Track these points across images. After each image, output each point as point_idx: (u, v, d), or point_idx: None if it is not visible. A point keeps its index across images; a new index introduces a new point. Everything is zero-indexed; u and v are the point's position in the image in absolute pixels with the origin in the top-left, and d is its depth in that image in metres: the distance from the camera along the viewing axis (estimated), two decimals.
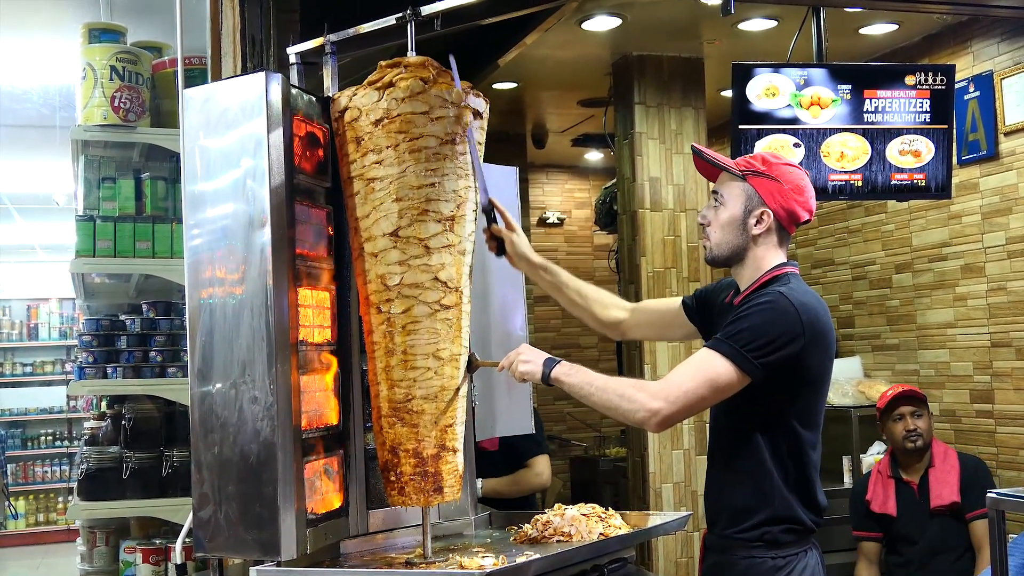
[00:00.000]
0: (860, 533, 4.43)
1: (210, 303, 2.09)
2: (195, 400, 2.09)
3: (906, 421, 4.30)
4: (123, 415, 3.88)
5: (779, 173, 2.38)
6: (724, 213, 2.40)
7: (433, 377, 2.22)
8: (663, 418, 2.21)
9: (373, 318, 2.25)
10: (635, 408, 2.22)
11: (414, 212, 2.19)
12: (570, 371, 2.30)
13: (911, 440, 4.28)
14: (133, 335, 3.83)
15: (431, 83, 2.20)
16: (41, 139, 6.20)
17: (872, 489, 4.38)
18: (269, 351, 2.01)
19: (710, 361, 2.25)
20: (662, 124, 5.70)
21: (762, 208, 2.36)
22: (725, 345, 2.26)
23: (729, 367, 2.23)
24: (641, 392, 2.23)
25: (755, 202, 2.37)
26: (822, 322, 2.31)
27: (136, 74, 3.70)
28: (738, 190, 2.39)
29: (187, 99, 2.16)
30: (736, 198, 2.39)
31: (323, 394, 2.20)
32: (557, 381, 2.30)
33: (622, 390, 2.25)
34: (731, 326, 2.29)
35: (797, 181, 2.39)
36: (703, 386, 2.23)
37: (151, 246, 3.63)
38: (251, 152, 2.06)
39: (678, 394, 2.21)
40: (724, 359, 2.24)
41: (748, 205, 2.37)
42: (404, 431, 2.22)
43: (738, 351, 2.23)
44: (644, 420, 2.22)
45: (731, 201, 2.39)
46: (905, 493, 4.32)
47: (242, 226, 2.06)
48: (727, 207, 2.39)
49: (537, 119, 7.41)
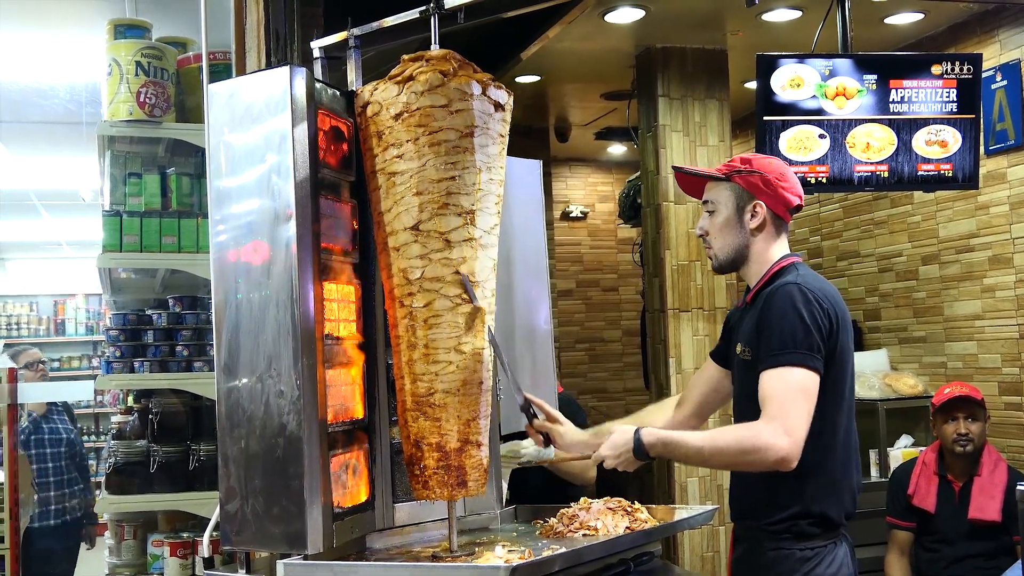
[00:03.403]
0: (895, 521, 4.35)
1: (236, 298, 2.09)
2: (221, 394, 2.09)
3: (959, 424, 4.18)
4: (150, 409, 3.91)
5: (760, 166, 2.46)
6: (719, 217, 2.48)
7: (455, 371, 2.22)
8: (795, 452, 2.21)
9: (396, 312, 2.25)
10: (764, 457, 2.21)
11: (434, 206, 2.19)
12: (665, 442, 2.29)
13: (960, 444, 4.16)
14: (159, 330, 3.85)
15: (451, 76, 2.20)
16: (67, 135, 6.25)
17: (915, 482, 4.30)
18: (295, 345, 2.01)
19: (787, 377, 2.25)
20: (686, 116, 5.68)
21: (753, 201, 2.44)
22: (788, 355, 2.26)
23: (805, 372, 2.25)
24: (759, 439, 2.21)
25: (745, 198, 2.45)
26: (840, 304, 2.38)
27: (161, 69, 3.72)
28: (726, 192, 2.47)
29: (212, 94, 2.16)
30: (727, 199, 2.47)
31: (349, 388, 2.21)
32: (655, 447, 2.29)
33: (740, 444, 2.23)
34: (773, 338, 2.29)
35: (779, 169, 2.48)
36: (801, 401, 2.24)
37: (177, 241, 3.65)
38: (276, 147, 2.06)
39: (790, 423, 2.21)
40: (798, 368, 2.25)
41: (739, 202, 2.46)
42: (427, 425, 2.22)
43: (803, 355, 2.25)
44: (780, 462, 2.22)
45: (722, 204, 2.47)
46: (947, 493, 4.23)
47: (267, 221, 2.07)
48: (720, 211, 2.47)
49: (560, 112, 7.40)
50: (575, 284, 8.84)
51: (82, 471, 6.00)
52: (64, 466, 5.83)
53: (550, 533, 2.39)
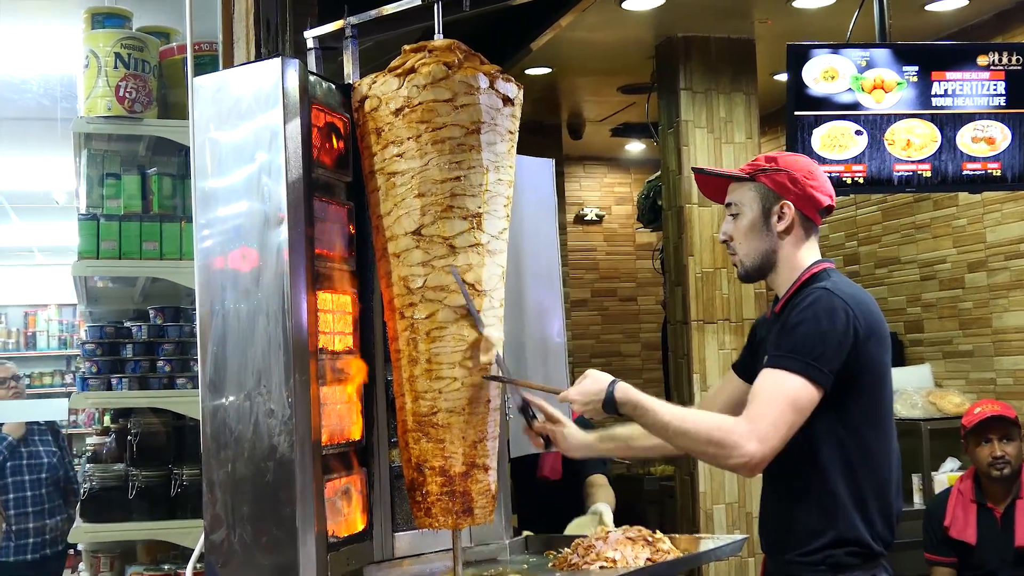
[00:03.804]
0: (933, 557, 4.35)
1: (222, 308, 2.10)
2: (206, 413, 2.10)
3: (993, 446, 4.14)
4: (128, 430, 3.91)
5: (786, 163, 2.47)
6: (743, 220, 2.48)
7: (460, 388, 2.22)
8: (760, 460, 2.21)
9: (397, 324, 2.25)
10: (727, 455, 2.21)
11: (438, 208, 2.19)
12: (636, 404, 2.29)
13: (997, 468, 4.13)
14: (139, 343, 3.85)
15: (456, 68, 2.20)
16: (40, 132, 6.26)
17: (951, 513, 4.28)
18: (286, 360, 2.02)
19: (783, 382, 2.25)
20: (710, 111, 5.68)
21: (780, 201, 2.45)
22: (790, 360, 2.26)
23: (804, 383, 2.24)
24: (729, 436, 2.21)
25: (771, 198, 2.45)
26: (874, 313, 2.36)
27: (142, 62, 3.73)
28: (751, 192, 2.47)
29: (197, 88, 2.17)
30: (751, 201, 2.47)
31: (345, 407, 2.21)
32: (626, 405, 2.28)
33: (708, 435, 2.23)
34: (785, 338, 2.30)
35: (807, 167, 2.48)
36: (788, 412, 2.23)
37: (159, 247, 3.66)
38: (266, 145, 2.07)
39: (767, 429, 2.20)
40: (795, 376, 2.24)
41: (765, 203, 2.46)
42: (430, 447, 2.22)
43: (806, 363, 2.24)
44: (741, 467, 2.22)
45: (747, 205, 2.47)
46: (987, 521, 4.21)
47: (257, 225, 2.07)
48: (745, 213, 2.48)
49: (573, 107, 7.41)
50: (590, 293, 8.84)
51: (67, 497, 5.97)
52: (45, 494, 5.79)
53: (564, 565, 2.39)
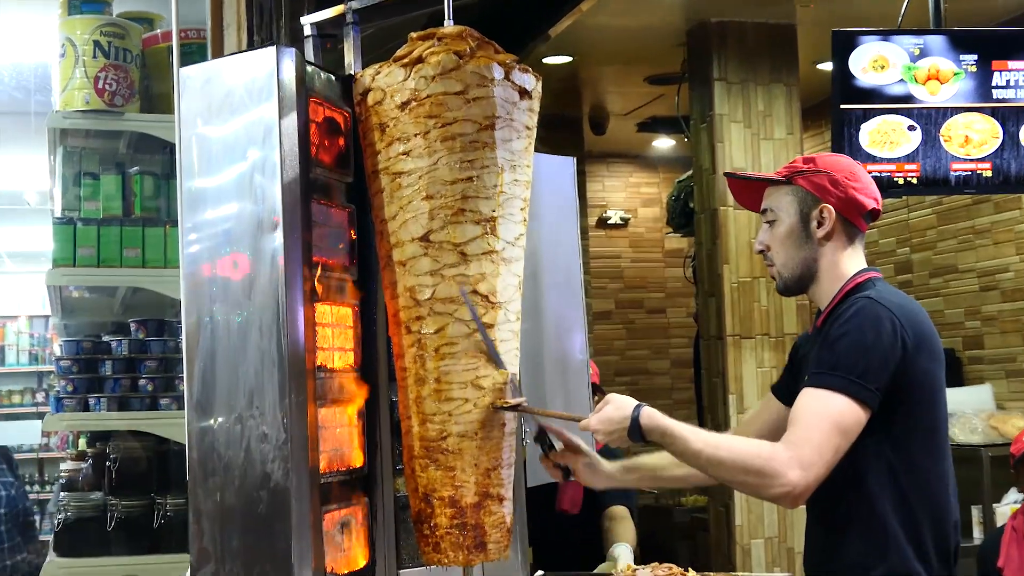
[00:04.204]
0: None
1: (211, 321, 2.09)
2: (193, 437, 2.09)
3: None
4: (107, 455, 3.92)
5: (825, 164, 2.49)
6: (781, 227, 2.50)
7: (472, 410, 2.21)
8: (804, 489, 2.21)
9: (403, 339, 2.25)
10: (768, 485, 2.21)
11: (447, 212, 2.19)
12: (665, 431, 2.29)
13: None
14: (119, 359, 3.86)
15: (467, 57, 2.20)
16: (11, 127, 6.30)
17: (1005, 552, 4.27)
18: (281, 378, 2.01)
19: (826, 402, 2.25)
20: (747, 104, 5.67)
21: (819, 205, 2.47)
22: (832, 378, 2.26)
23: (848, 403, 2.24)
24: (769, 464, 2.21)
25: (810, 201, 2.48)
26: (924, 324, 2.37)
27: (124, 50, 3.75)
28: (788, 197, 2.50)
29: (184, 79, 2.17)
30: (789, 205, 2.49)
31: (345, 430, 2.21)
32: (653, 432, 2.28)
33: (745, 463, 2.23)
34: (827, 353, 2.30)
35: (849, 168, 2.50)
36: (833, 435, 2.23)
37: (141, 253, 3.67)
38: (260, 141, 2.07)
39: (810, 454, 2.20)
40: (839, 395, 2.24)
41: (803, 207, 2.48)
42: (439, 475, 2.22)
43: (851, 381, 2.24)
44: (783, 497, 2.22)
45: (784, 211, 2.50)
46: None
47: (249, 229, 2.07)
48: (782, 219, 2.50)
49: (596, 100, 7.41)
50: (614, 305, 8.83)
51: (26, 533, 6.00)
52: (4, 531, 5.82)
53: None
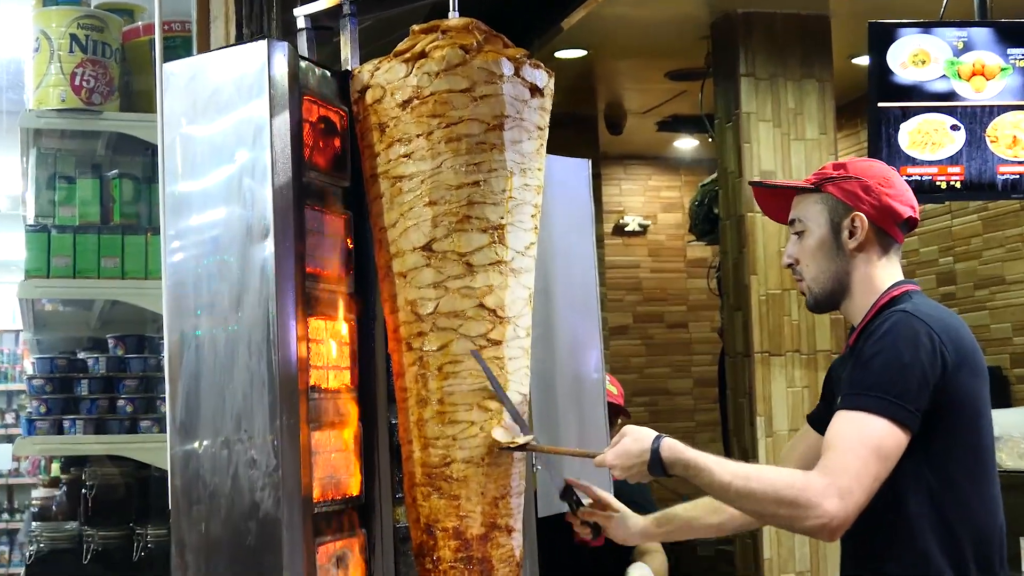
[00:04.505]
0: None
1: (196, 337, 2.10)
2: (176, 463, 2.10)
3: None
4: (83, 481, 3.92)
5: (857, 170, 2.51)
6: (810, 239, 2.52)
7: (479, 434, 2.21)
8: (843, 520, 2.21)
9: (403, 357, 2.25)
10: (803, 517, 2.21)
11: (452, 219, 2.19)
12: (688, 463, 2.30)
13: None
14: (96, 378, 3.86)
15: (474, 52, 2.20)
16: None
17: None
18: (272, 400, 2.02)
19: (862, 426, 2.25)
20: (776, 101, 5.67)
21: (851, 214, 2.48)
22: (869, 399, 2.26)
23: (887, 425, 2.24)
24: (804, 493, 2.21)
25: (840, 210, 2.49)
26: (965, 339, 2.37)
27: (102, 44, 3.76)
28: (817, 206, 2.52)
29: (167, 76, 2.18)
30: (818, 215, 2.51)
31: (341, 456, 2.20)
32: (676, 465, 2.29)
33: (778, 494, 2.23)
34: (862, 372, 2.30)
35: (882, 173, 2.52)
36: (871, 461, 2.23)
37: (120, 264, 3.67)
38: (249, 142, 2.08)
39: (848, 482, 2.20)
40: (877, 417, 2.24)
41: (834, 217, 2.50)
42: (442, 504, 2.22)
43: (888, 401, 2.24)
44: (820, 529, 2.21)
45: (813, 221, 2.52)
46: None
47: (237, 237, 2.08)
48: (811, 230, 2.52)
49: (612, 97, 7.41)
50: (632, 319, 8.82)
51: None
52: None
53: None
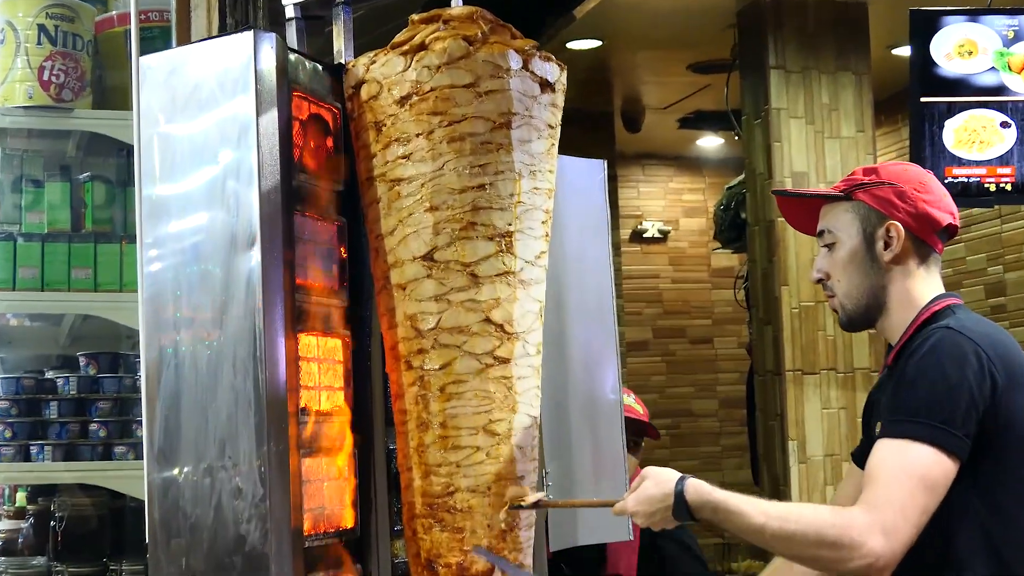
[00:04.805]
0: None
1: (175, 354, 2.10)
2: (154, 492, 2.09)
3: None
4: (51, 513, 3.92)
5: (890, 175, 2.50)
6: (841, 251, 2.51)
7: (485, 460, 2.22)
8: (890, 558, 2.20)
9: (402, 376, 2.25)
10: (847, 558, 2.20)
11: (455, 226, 2.20)
12: (717, 506, 2.29)
13: None
14: (66, 400, 3.86)
15: (479, 44, 2.21)
16: None
17: None
18: (258, 422, 2.01)
19: (907, 455, 2.24)
20: (809, 96, 5.66)
21: (885, 223, 2.47)
22: (913, 425, 2.25)
23: (934, 454, 2.23)
24: (847, 532, 2.20)
25: (873, 219, 2.48)
26: (1015, 356, 2.36)
27: (73, 36, 3.77)
28: (848, 215, 2.51)
29: (144, 70, 2.19)
30: (849, 224, 2.50)
31: (334, 484, 2.20)
32: (703, 508, 2.27)
33: (819, 534, 2.22)
34: (904, 395, 2.30)
35: (918, 177, 2.51)
36: (918, 492, 2.22)
37: (92, 275, 3.67)
38: (234, 142, 2.08)
39: (894, 517, 2.20)
40: (922, 445, 2.24)
41: (866, 226, 2.48)
42: (445, 538, 2.22)
43: (934, 427, 2.23)
44: (866, 569, 2.20)
45: (844, 231, 2.51)
46: None
47: (221, 245, 2.08)
48: (842, 241, 2.51)
49: (629, 91, 7.42)
50: (651, 333, 8.81)
51: None
52: None
53: None
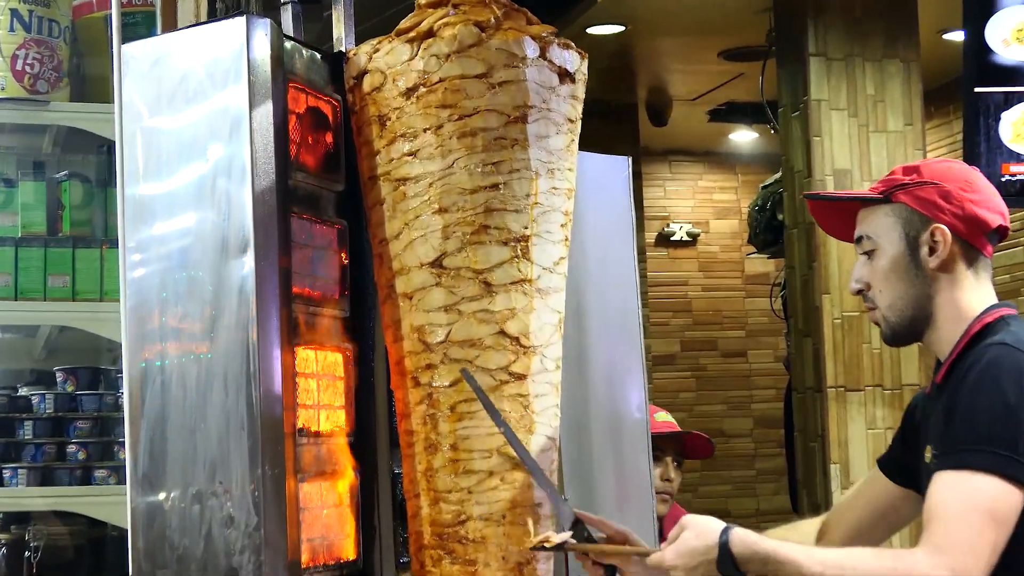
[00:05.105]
0: None
1: (161, 370, 2.10)
2: (138, 520, 2.10)
3: None
4: (25, 542, 3.92)
5: (933, 173, 2.48)
6: (882, 258, 2.49)
7: (499, 486, 2.22)
8: None
9: (409, 394, 2.25)
10: None
11: (467, 229, 2.20)
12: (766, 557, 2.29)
13: None
14: (42, 419, 3.87)
15: (492, 30, 2.21)
16: None
17: None
18: (252, 445, 2.01)
19: (970, 488, 2.23)
20: (852, 86, 5.65)
21: (929, 226, 2.45)
22: (974, 455, 2.24)
23: (999, 485, 2.22)
24: (914, 570, 2.20)
25: (916, 222, 2.46)
26: None
27: (49, 22, 3.78)
28: (888, 218, 2.49)
29: (127, 59, 2.19)
30: (889, 229, 2.49)
31: (334, 512, 2.21)
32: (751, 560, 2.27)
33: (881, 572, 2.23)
34: (961, 422, 2.29)
35: (963, 175, 2.48)
36: (987, 528, 2.21)
37: (70, 282, 3.68)
38: (225, 137, 2.08)
39: (963, 557, 2.19)
40: (986, 476, 2.22)
41: (909, 231, 2.46)
42: (455, 570, 2.22)
43: (997, 455, 2.22)
44: None
45: (884, 236, 2.49)
46: None
47: (211, 250, 2.08)
48: (882, 248, 2.49)
49: (655, 81, 7.42)
50: (679, 346, 8.81)
51: None
52: None
53: None
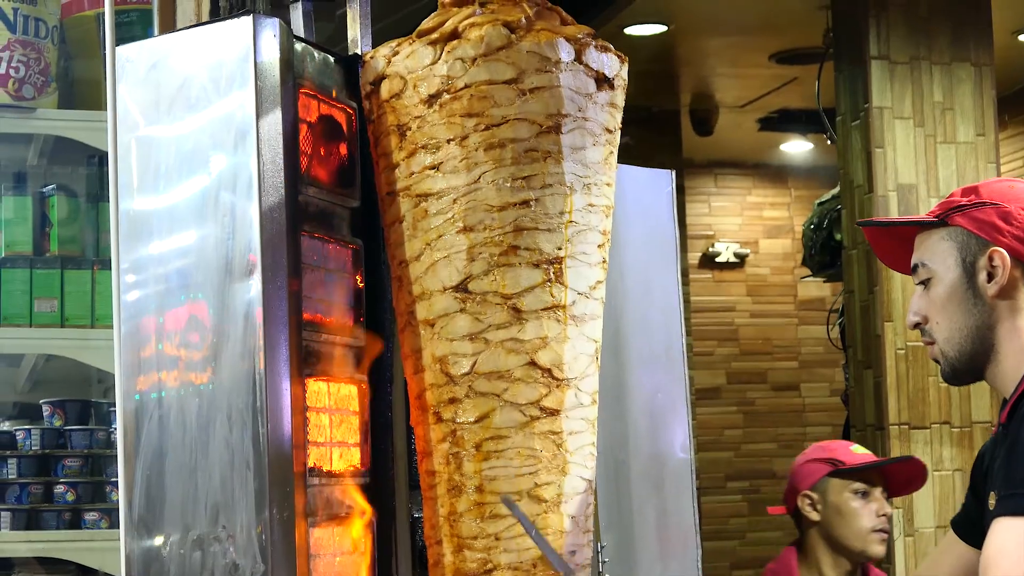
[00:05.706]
0: None
1: (158, 404, 2.11)
2: (133, 568, 2.10)
3: None
4: None
5: (992, 193, 2.52)
6: (938, 287, 2.52)
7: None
8: None
9: (431, 431, 2.25)
10: None
11: (494, 250, 2.20)
12: None
13: None
14: (27, 457, 3.88)
15: (522, 31, 2.22)
16: None
17: None
18: (259, 486, 2.02)
19: None
20: (919, 93, 5.65)
21: (988, 249, 2.48)
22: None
23: None
24: None
25: (973, 246, 2.49)
26: None
27: (36, 21, 3.79)
28: (944, 243, 2.53)
29: (122, 62, 2.20)
30: (945, 254, 2.52)
31: (349, 560, 2.21)
32: None
33: None
34: (1015, 464, 2.31)
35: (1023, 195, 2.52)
36: None
37: (58, 307, 3.69)
38: (229, 148, 2.09)
39: None
40: None
41: (966, 255, 2.50)
42: None
43: None
44: None
45: (940, 263, 2.52)
46: None
47: (213, 271, 2.09)
48: (938, 276, 2.52)
49: (700, 86, 7.42)
50: (725, 378, 8.79)
51: None
52: None
53: None
